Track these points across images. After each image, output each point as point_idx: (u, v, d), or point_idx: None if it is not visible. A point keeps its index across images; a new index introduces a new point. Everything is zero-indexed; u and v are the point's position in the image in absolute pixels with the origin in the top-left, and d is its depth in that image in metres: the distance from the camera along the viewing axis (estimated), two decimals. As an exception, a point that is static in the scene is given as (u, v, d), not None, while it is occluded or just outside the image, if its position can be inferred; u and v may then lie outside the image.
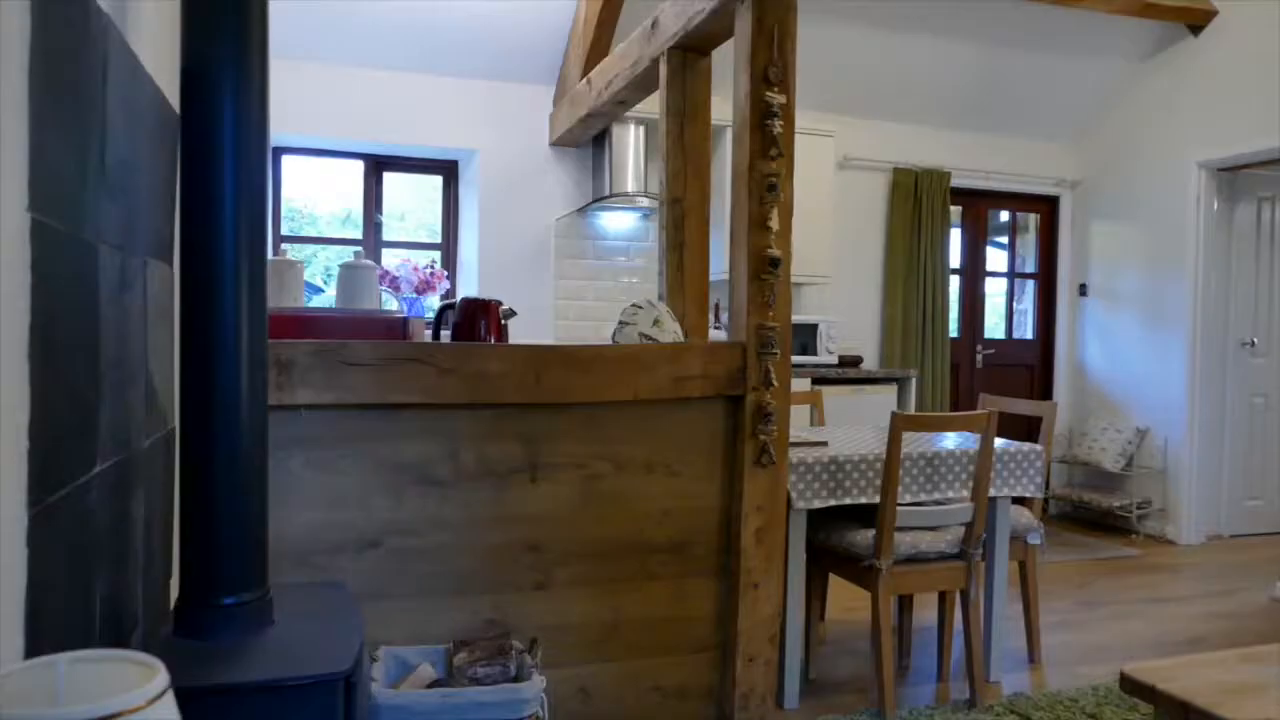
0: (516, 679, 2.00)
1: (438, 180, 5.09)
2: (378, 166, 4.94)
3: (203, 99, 1.38)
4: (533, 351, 2.22)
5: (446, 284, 4.66)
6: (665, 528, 2.41)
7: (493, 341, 2.46)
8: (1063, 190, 6.05)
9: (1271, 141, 4.76)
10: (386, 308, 4.35)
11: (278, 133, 4.47)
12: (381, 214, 4.97)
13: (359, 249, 4.95)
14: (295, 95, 4.40)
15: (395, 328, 2.34)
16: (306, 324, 2.25)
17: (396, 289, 4.51)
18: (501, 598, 2.26)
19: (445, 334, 2.73)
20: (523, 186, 4.86)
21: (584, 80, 4.22)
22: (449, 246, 5.11)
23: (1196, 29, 5.21)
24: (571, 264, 4.94)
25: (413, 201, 5.20)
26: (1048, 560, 4.73)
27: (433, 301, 4.49)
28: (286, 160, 4.79)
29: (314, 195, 4.99)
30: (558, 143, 4.84)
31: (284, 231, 4.86)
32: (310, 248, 5.02)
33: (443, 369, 2.13)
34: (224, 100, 1.37)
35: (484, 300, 2.48)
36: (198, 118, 1.38)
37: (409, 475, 2.16)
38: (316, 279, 4.97)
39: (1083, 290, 6.01)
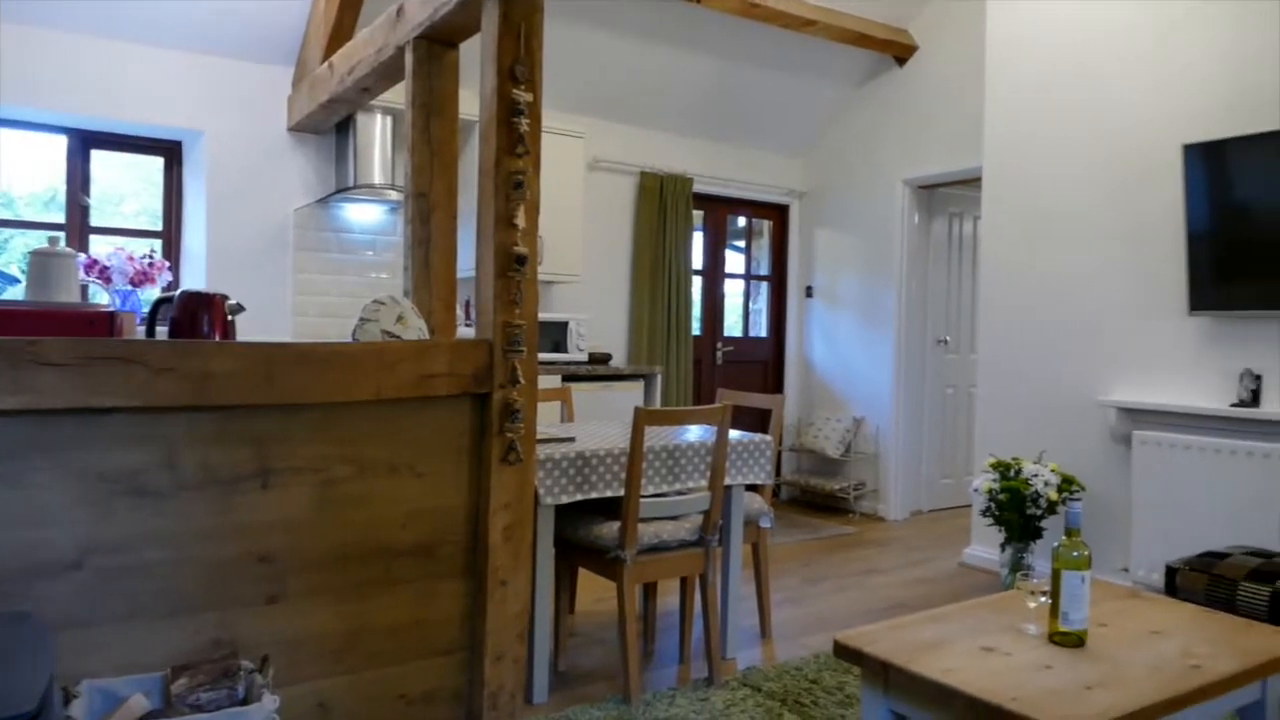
0: (245, 701, 1.87)
1: (159, 162, 4.64)
2: (85, 143, 4.41)
3: None
4: (263, 349, 2.08)
5: (168, 276, 4.27)
6: (410, 530, 2.35)
7: (217, 339, 2.28)
8: (792, 199, 6.55)
9: (961, 164, 5.44)
10: (95, 301, 3.91)
11: (-47, 97, 3.88)
12: (89, 196, 4.46)
13: (60, 234, 4.42)
14: (-24, 56, 3.84)
15: (100, 323, 2.11)
16: (-13, 319, 1.97)
17: (108, 281, 4.06)
18: (229, 615, 2.11)
19: (163, 330, 2.50)
20: (257, 173, 4.55)
21: (325, 64, 4.01)
22: (172, 235, 4.67)
23: (902, 61, 5.83)
24: (312, 257, 4.69)
25: (132, 184, 4.70)
26: (777, 542, 5.12)
27: (152, 295, 4.09)
28: (-34, 130, 4.17)
29: (10, 172, 4.37)
30: (296, 128, 4.57)
31: (-37, 212, 4.23)
32: (4, 232, 4.40)
33: (157, 369, 1.94)
34: None
35: (207, 294, 2.29)
36: None
37: (117, 486, 1.96)
38: (11, 267, 4.36)
39: (809, 292, 6.55)
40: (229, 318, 2.31)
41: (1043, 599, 2.16)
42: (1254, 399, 3.61)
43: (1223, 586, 3.09)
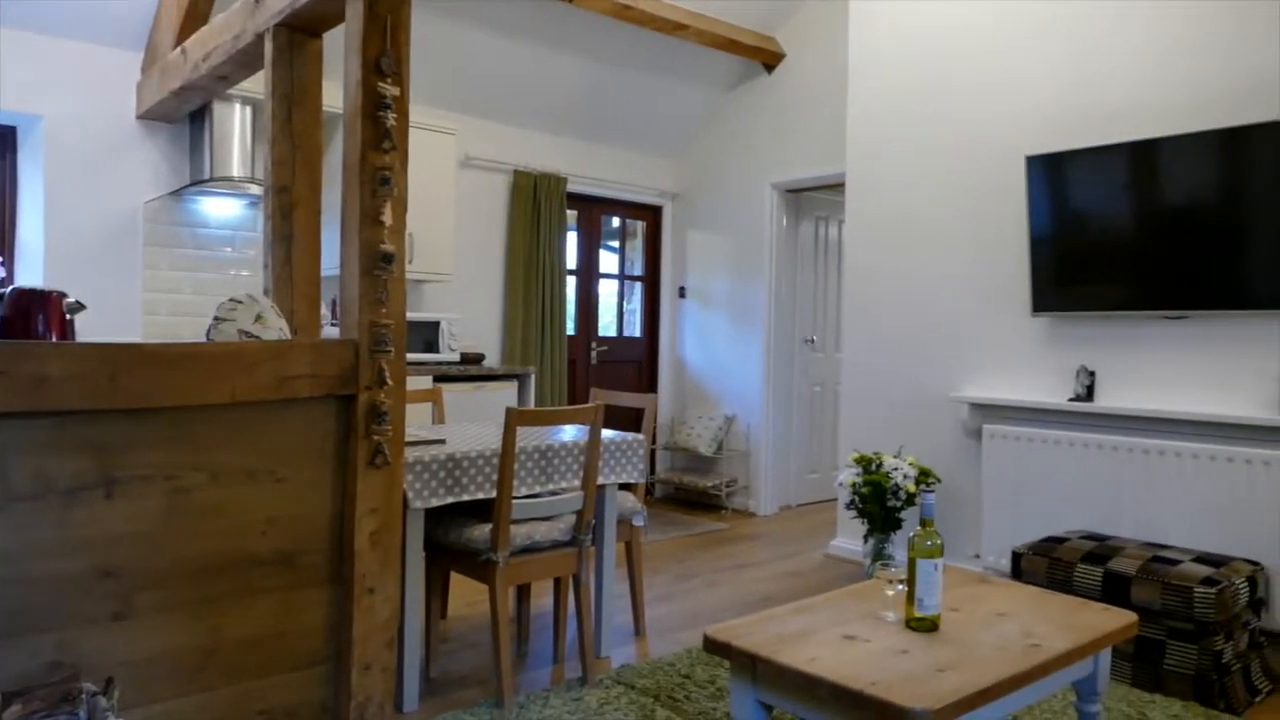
0: (86, 725, 1.75)
1: (-14, 147, 4.29)
2: (-102, 125, 4.04)
3: None
4: (106, 349, 1.95)
5: (1, 272, 3.96)
6: (270, 538, 2.26)
7: (54, 339, 2.13)
8: (665, 201, 6.64)
9: (826, 169, 5.63)
10: (-88, 298, 3.58)
11: None
12: (-96, 183, 4.07)
13: None
14: None
15: (-84, 323, 1.93)
16: None
17: (-73, 275, 3.74)
18: (69, 635, 1.97)
19: (-9, 330, 2.31)
20: (102, 162, 4.26)
21: (178, 49, 3.80)
22: (5, 228, 4.32)
23: (770, 67, 5.99)
24: (164, 253, 4.43)
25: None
26: (652, 539, 5.17)
27: (-21, 291, 3.78)
28: None
29: None
30: (146, 116, 4.31)
31: None
32: None
33: (-16, 372, 1.79)
34: None
35: (42, 291, 2.14)
36: None
37: (-63, 500, 1.80)
38: None
39: (682, 293, 6.65)
40: (67, 316, 2.16)
41: (900, 587, 2.26)
42: (1089, 394, 3.89)
43: (1061, 569, 3.32)
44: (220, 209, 4.58)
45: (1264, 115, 3.39)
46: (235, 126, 4.31)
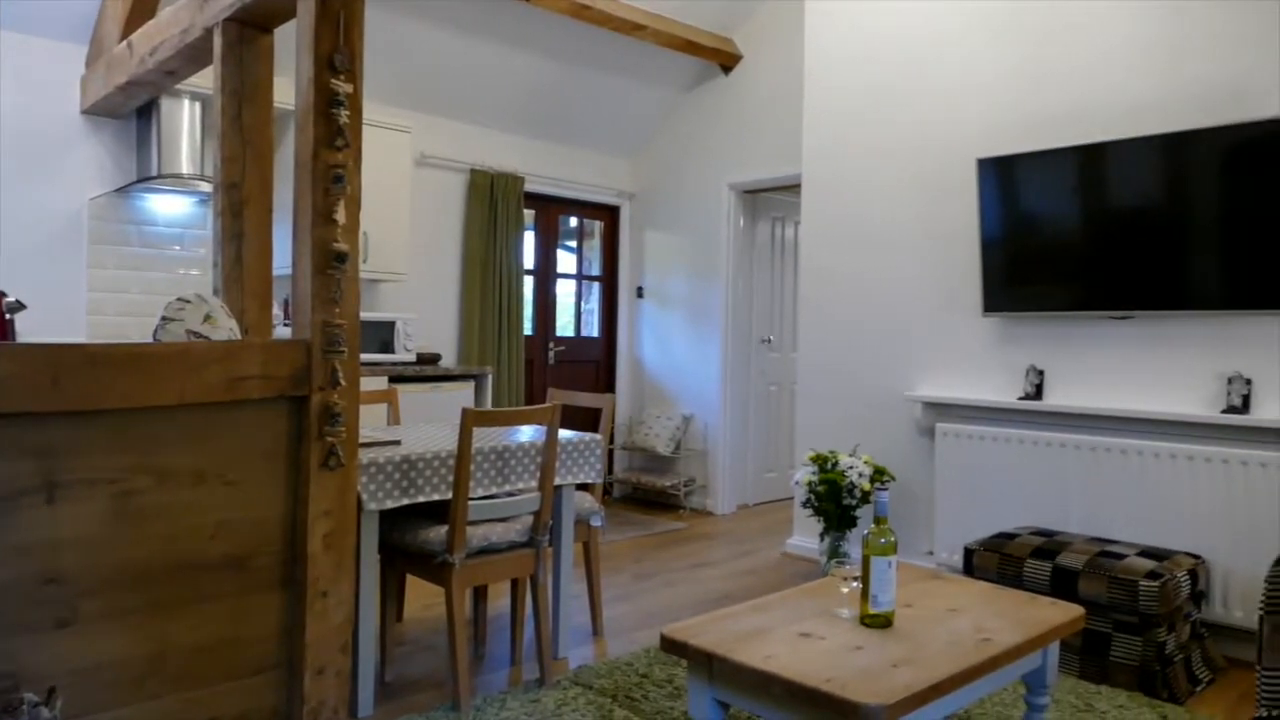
0: (28, 736, 1.70)
1: (-79, 141, 4.15)
2: None
3: None
4: (47, 350, 1.90)
5: (-65, 269, 3.83)
6: (220, 542, 2.22)
7: (-7, 340, 2.07)
8: (622, 201, 6.64)
9: (783, 170, 5.68)
10: None
11: None
12: None
13: None
14: None
15: None
16: None
17: None
18: (10, 644, 1.91)
19: (-74, 330, 2.24)
20: (44, 158, 4.15)
21: (124, 43, 3.71)
22: (-61, 223, 4.19)
23: (727, 69, 6.03)
24: (110, 252, 4.33)
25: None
26: (610, 539, 5.17)
27: (-86, 290, 3.65)
28: None
29: None
30: (91, 111, 4.20)
31: None
32: None
33: (-82, 374, 1.74)
34: None
35: (-19, 290, 2.07)
36: None
37: None
38: None
39: (640, 292, 6.65)
40: (7, 316, 2.10)
41: (854, 584, 2.29)
42: (1038, 392, 3.97)
43: (1011, 564, 3.38)
44: (168, 206, 4.49)
45: (1206, 120, 3.49)
46: (184, 122, 4.22)
